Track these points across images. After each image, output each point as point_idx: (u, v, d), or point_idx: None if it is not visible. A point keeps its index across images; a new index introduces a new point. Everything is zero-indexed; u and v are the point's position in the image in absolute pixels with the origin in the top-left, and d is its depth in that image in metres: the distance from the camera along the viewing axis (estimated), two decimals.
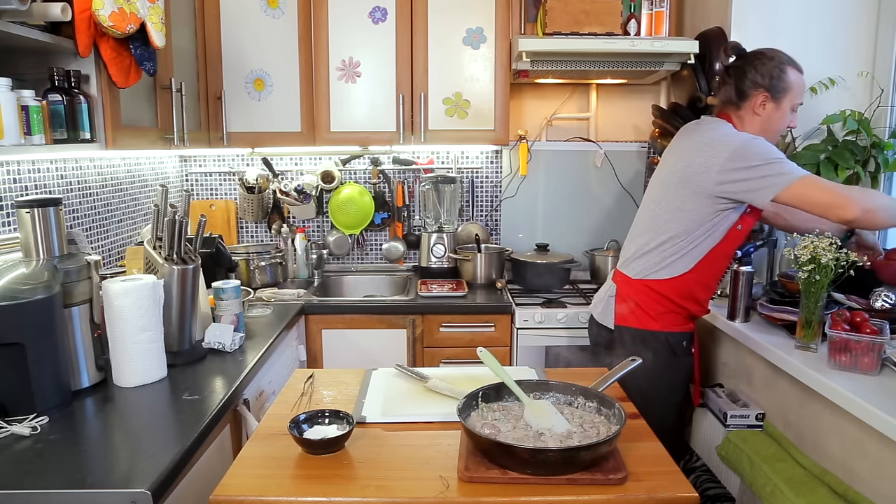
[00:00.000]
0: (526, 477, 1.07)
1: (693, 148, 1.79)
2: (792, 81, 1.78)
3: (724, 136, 1.76)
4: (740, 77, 1.80)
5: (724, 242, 1.81)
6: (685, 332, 1.90)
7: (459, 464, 1.11)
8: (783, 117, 1.81)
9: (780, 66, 1.78)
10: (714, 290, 1.94)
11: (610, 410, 1.22)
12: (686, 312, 1.89)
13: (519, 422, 1.21)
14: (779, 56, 1.79)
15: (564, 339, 2.39)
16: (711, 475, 2.20)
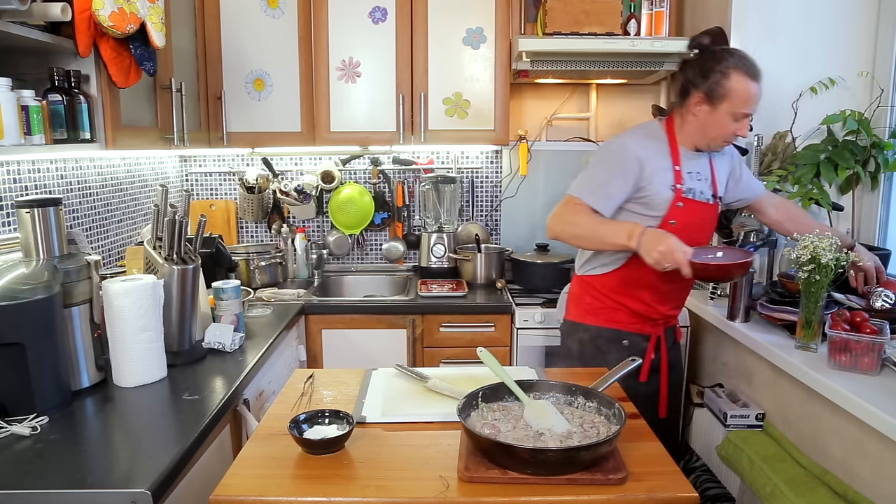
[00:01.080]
0: (526, 477, 1.07)
1: None
2: (731, 88, 1.68)
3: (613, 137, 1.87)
4: (686, 74, 1.77)
5: None
6: (626, 332, 1.84)
7: (459, 464, 1.11)
8: (720, 123, 1.71)
9: (725, 71, 1.68)
10: (663, 290, 1.81)
11: (610, 410, 1.22)
12: (627, 310, 1.83)
13: (519, 422, 1.21)
14: (730, 59, 1.70)
15: None
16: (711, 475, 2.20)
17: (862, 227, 2.16)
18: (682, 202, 1.74)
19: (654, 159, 1.74)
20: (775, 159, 2.17)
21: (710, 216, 1.84)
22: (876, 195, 2.12)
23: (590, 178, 1.76)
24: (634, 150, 1.73)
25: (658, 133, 1.81)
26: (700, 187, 1.79)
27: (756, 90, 1.70)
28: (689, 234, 1.72)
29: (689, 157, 1.79)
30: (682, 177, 1.76)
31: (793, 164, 2.11)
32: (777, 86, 2.19)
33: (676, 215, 1.74)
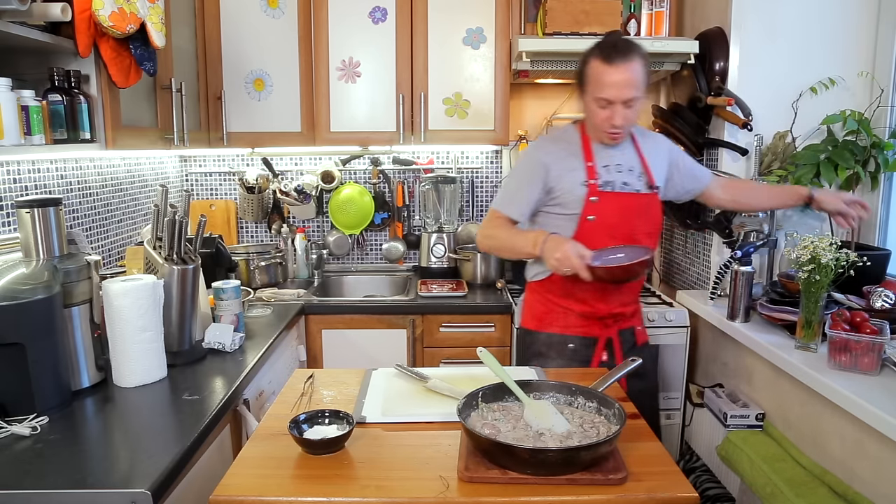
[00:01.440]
0: (526, 477, 1.07)
1: None
2: (588, 73, 1.70)
3: None
4: None
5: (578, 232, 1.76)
6: (571, 336, 1.82)
7: (459, 464, 1.11)
8: (590, 111, 1.73)
9: (585, 58, 1.72)
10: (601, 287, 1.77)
11: (610, 410, 1.22)
12: (572, 313, 1.82)
13: (519, 422, 1.21)
14: (594, 45, 1.71)
15: None
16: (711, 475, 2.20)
17: (862, 227, 2.16)
18: (597, 196, 1.74)
19: (563, 161, 1.77)
20: (775, 159, 2.17)
21: (641, 206, 1.80)
22: (876, 195, 2.12)
23: (504, 189, 1.87)
24: (538, 156, 1.79)
25: (569, 135, 1.84)
26: (624, 178, 1.78)
27: (614, 75, 1.64)
28: (613, 227, 1.76)
29: (607, 151, 1.79)
30: (597, 171, 1.76)
31: (793, 164, 2.11)
32: (777, 86, 2.19)
33: (593, 210, 1.75)
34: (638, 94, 1.68)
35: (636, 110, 1.71)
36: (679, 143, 2.40)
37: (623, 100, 1.66)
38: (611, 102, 1.67)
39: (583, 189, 1.75)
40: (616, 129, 1.71)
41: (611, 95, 1.66)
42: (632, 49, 1.67)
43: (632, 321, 1.89)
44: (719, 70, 2.24)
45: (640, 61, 1.67)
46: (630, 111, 1.69)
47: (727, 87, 2.23)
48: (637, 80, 1.66)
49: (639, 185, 1.80)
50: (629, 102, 1.67)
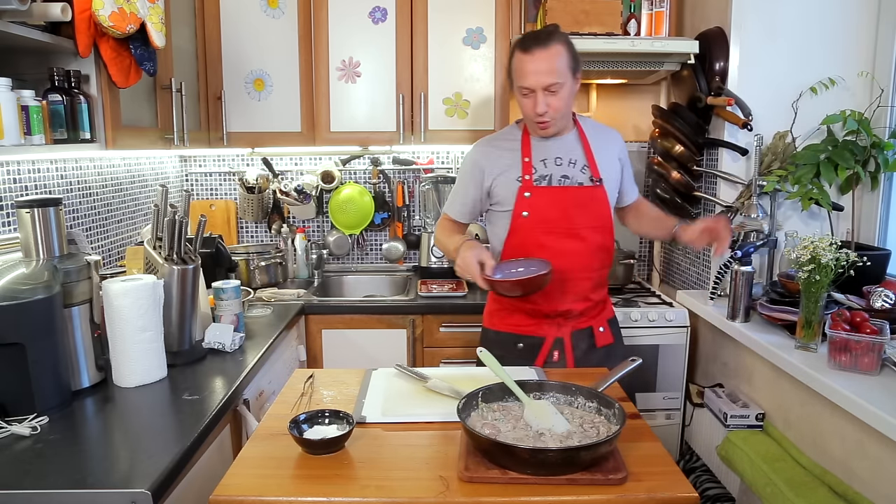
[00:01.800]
0: (526, 477, 1.07)
1: None
2: (512, 66, 1.71)
3: None
4: None
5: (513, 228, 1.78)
6: (520, 335, 1.81)
7: (459, 464, 1.11)
8: (519, 104, 1.74)
9: (511, 52, 1.72)
10: None
11: (610, 410, 1.22)
12: (520, 311, 1.81)
13: (519, 422, 1.21)
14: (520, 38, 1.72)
15: None
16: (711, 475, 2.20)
17: (862, 227, 2.16)
18: (531, 191, 1.74)
19: (499, 159, 1.79)
20: (775, 159, 2.17)
21: (582, 199, 1.76)
22: (876, 195, 2.12)
23: (451, 192, 1.91)
24: (473, 156, 1.83)
25: (510, 132, 1.85)
26: (564, 171, 1.76)
27: (531, 63, 1.65)
28: (550, 222, 1.75)
29: (546, 144, 1.78)
30: (532, 166, 1.76)
31: (793, 164, 2.11)
32: (777, 86, 2.19)
33: (526, 206, 1.74)
34: (559, 80, 1.65)
35: (562, 97, 1.68)
36: (679, 143, 2.40)
37: (543, 86, 1.65)
38: (532, 90, 1.66)
39: (517, 185, 1.75)
40: (541, 117, 1.69)
41: (530, 83, 1.66)
42: (551, 37, 1.66)
43: (590, 321, 1.83)
44: (719, 70, 2.25)
45: (559, 47, 1.65)
46: (554, 98, 1.67)
47: (727, 87, 2.23)
48: (556, 66, 1.64)
49: (581, 178, 1.77)
50: (550, 88, 1.65)
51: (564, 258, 1.73)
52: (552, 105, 1.68)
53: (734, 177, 2.24)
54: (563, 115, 1.74)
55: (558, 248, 1.74)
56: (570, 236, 1.75)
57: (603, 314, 1.88)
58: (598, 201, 1.78)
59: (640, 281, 2.93)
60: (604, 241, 1.80)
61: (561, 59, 1.66)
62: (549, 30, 1.71)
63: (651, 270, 2.99)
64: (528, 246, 1.76)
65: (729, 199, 2.27)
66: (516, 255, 1.77)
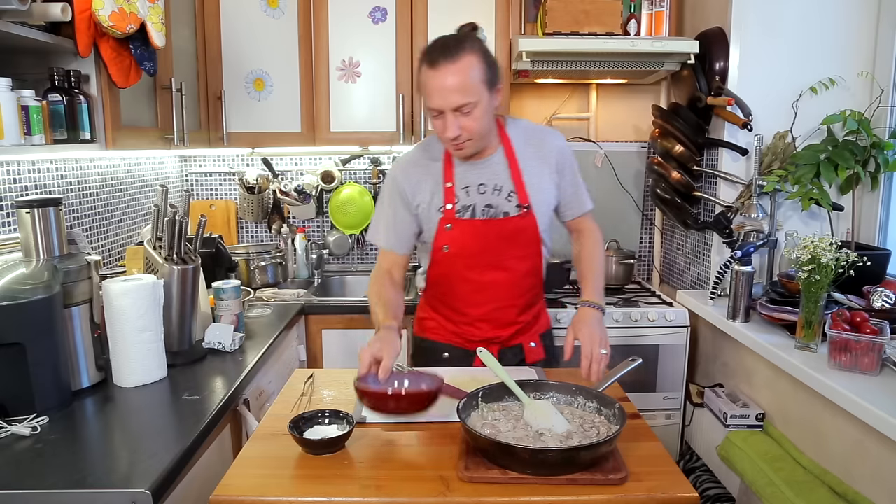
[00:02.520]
0: (526, 477, 1.07)
1: None
2: (420, 80, 1.47)
3: None
4: None
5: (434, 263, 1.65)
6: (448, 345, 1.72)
7: (459, 464, 1.11)
8: (432, 124, 1.50)
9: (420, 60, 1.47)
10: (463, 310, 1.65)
11: (610, 410, 1.22)
12: (448, 321, 1.71)
13: (519, 422, 1.21)
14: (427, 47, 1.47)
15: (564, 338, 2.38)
16: (711, 475, 2.20)
17: (862, 227, 2.16)
18: (452, 223, 1.57)
19: (423, 182, 1.60)
20: (775, 159, 2.17)
21: (509, 231, 1.59)
22: (876, 195, 2.12)
23: (374, 221, 1.69)
24: (396, 177, 1.63)
25: (433, 149, 1.63)
26: (488, 200, 1.58)
27: (437, 79, 1.41)
28: (473, 256, 1.59)
29: (470, 169, 1.59)
30: (455, 194, 1.57)
31: (793, 164, 2.11)
32: (777, 86, 2.19)
33: (447, 239, 1.58)
34: (471, 99, 1.41)
35: (477, 117, 1.45)
36: (679, 143, 2.40)
37: (452, 107, 1.42)
38: (441, 111, 1.44)
39: (439, 216, 1.58)
40: (454, 141, 1.48)
41: (437, 104, 1.43)
42: (461, 47, 1.42)
43: (520, 338, 1.71)
44: (719, 70, 2.25)
45: (471, 58, 1.41)
46: (468, 119, 1.44)
47: (727, 87, 2.23)
48: (468, 82, 1.40)
49: (507, 207, 1.58)
50: (462, 109, 1.42)
51: (489, 291, 1.62)
52: (466, 127, 1.45)
53: (734, 177, 2.24)
54: (481, 136, 1.51)
55: (482, 280, 1.62)
56: (495, 268, 1.61)
57: (535, 328, 1.74)
58: (526, 231, 1.60)
59: (640, 281, 2.93)
60: (533, 267, 1.65)
61: (473, 72, 1.41)
62: (458, 36, 1.47)
63: (651, 270, 2.99)
64: (450, 278, 1.64)
65: (729, 199, 2.27)
66: (441, 287, 1.67)
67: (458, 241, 1.59)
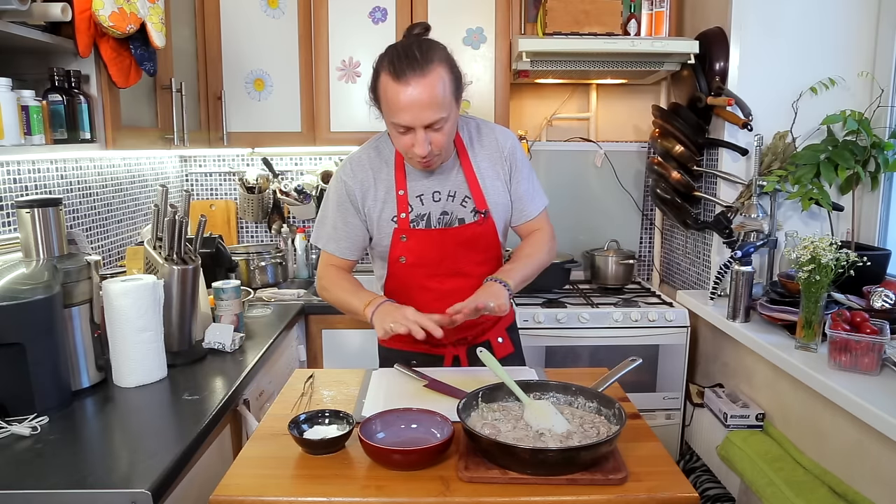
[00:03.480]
0: (526, 477, 1.07)
1: None
2: (380, 92, 1.37)
3: None
4: None
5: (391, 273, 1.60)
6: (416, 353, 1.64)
7: (459, 464, 1.11)
8: (393, 136, 1.43)
9: (377, 68, 1.37)
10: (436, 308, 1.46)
11: (610, 410, 1.22)
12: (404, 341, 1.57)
13: (519, 422, 1.21)
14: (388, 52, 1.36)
15: (564, 339, 2.39)
16: (711, 475, 2.20)
17: (862, 227, 2.16)
18: (407, 234, 1.51)
19: (373, 188, 1.52)
20: (775, 159, 2.17)
21: (467, 238, 1.54)
22: (876, 195, 2.12)
23: (318, 225, 1.59)
24: (344, 181, 1.53)
25: (384, 154, 1.55)
26: (443, 208, 1.52)
27: (406, 94, 1.30)
28: (432, 265, 1.53)
29: (423, 176, 1.52)
30: (409, 203, 1.51)
31: (793, 164, 2.11)
32: (777, 86, 2.19)
33: (403, 250, 1.52)
34: (443, 114, 1.34)
35: (447, 132, 1.38)
36: (679, 143, 2.40)
37: (424, 124, 1.34)
38: (410, 128, 1.35)
39: (392, 226, 1.52)
40: (424, 158, 1.40)
41: (406, 121, 1.33)
42: (429, 57, 1.32)
43: (488, 335, 1.67)
44: (719, 70, 2.25)
45: (440, 69, 1.33)
46: (438, 135, 1.37)
47: (727, 87, 2.23)
48: (438, 96, 1.31)
49: (463, 214, 1.53)
50: (434, 126, 1.35)
51: (450, 298, 1.49)
52: (436, 142, 1.38)
53: (734, 177, 2.24)
54: (448, 149, 1.46)
55: (443, 289, 1.56)
56: (455, 275, 1.56)
57: (500, 323, 1.70)
58: (485, 236, 1.55)
59: (640, 281, 2.93)
60: (492, 270, 1.56)
61: (442, 85, 1.32)
62: (423, 44, 1.36)
63: (651, 270, 2.99)
64: (409, 289, 1.58)
65: (729, 199, 2.27)
66: (397, 296, 1.56)
67: (414, 251, 1.54)
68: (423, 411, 1.25)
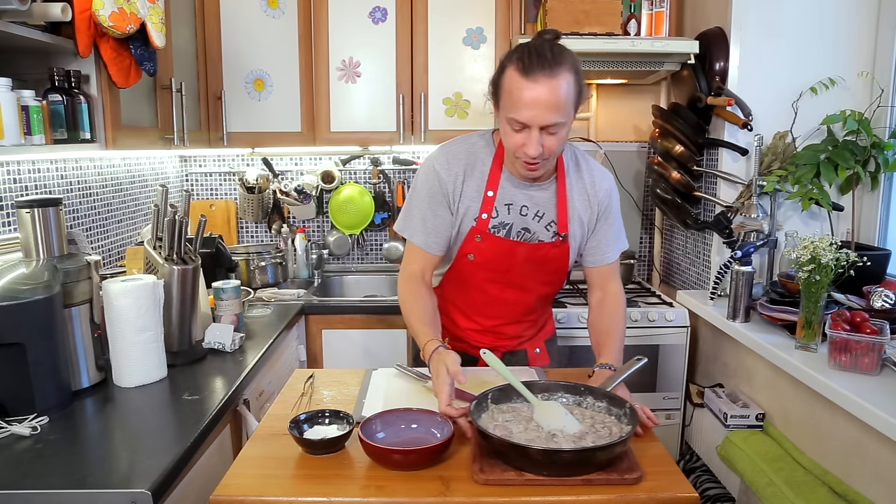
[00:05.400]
0: (542, 478, 1.07)
1: None
2: (504, 84, 1.36)
3: None
4: None
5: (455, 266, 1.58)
6: None
7: (474, 466, 1.10)
8: (504, 132, 1.40)
9: (504, 62, 1.37)
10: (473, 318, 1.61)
11: (620, 410, 1.22)
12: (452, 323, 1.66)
13: (530, 423, 1.21)
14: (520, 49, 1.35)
15: (564, 339, 2.38)
16: (711, 475, 2.20)
17: (862, 227, 2.16)
18: (482, 236, 1.49)
19: (464, 182, 1.49)
20: (775, 159, 2.17)
21: (540, 257, 1.53)
22: (876, 195, 2.12)
23: (406, 213, 1.55)
24: (437, 172, 1.50)
25: (483, 149, 1.53)
26: (526, 224, 1.51)
27: (532, 91, 1.30)
28: (498, 272, 1.53)
29: (518, 187, 1.50)
30: (494, 207, 1.49)
31: (793, 164, 2.11)
32: (777, 86, 2.19)
33: (474, 249, 1.52)
34: (563, 119, 1.33)
35: (561, 139, 1.37)
36: (679, 143, 2.40)
37: (542, 125, 1.32)
38: (526, 126, 1.34)
39: (471, 223, 1.50)
40: (532, 161, 1.38)
41: (526, 118, 1.32)
42: (561, 60, 1.31)
43: (525, 345, 1.70)
44: (719, 70, 2.25)
45: (569, 76, 1.32)
46: (552, 139, 1.35)
47: (727, 87, 2.23)
48: (562, 101, 1.31)
49: (543, 235, 1.53)
50: (551, 129, 1.33)
51: (504, 307, 1.58)
52: (548, 147, 1.36)
53: (734, 177, 2.24)
54: (555, 157, 1.45)
55: (501, 297, 1.58)
56: (517, 288, 1.57)
57: (540, 335, 1.72)
58: (558, 259, 1.55)
59: (640, 281, 2.93)
60: (552, 291, 1.61)
61: (568, 90, 1.32)
62: (557, 47, 1.34)
63: (651, 270, 2.99)
64: (467, 285, 1.59)
65: (729, 199, 2.27)
66: (454, 292, 1.61)
67: (485, 253, 1.52)
68: (423, 411, 1.25)
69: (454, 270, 1.60)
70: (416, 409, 1.26)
